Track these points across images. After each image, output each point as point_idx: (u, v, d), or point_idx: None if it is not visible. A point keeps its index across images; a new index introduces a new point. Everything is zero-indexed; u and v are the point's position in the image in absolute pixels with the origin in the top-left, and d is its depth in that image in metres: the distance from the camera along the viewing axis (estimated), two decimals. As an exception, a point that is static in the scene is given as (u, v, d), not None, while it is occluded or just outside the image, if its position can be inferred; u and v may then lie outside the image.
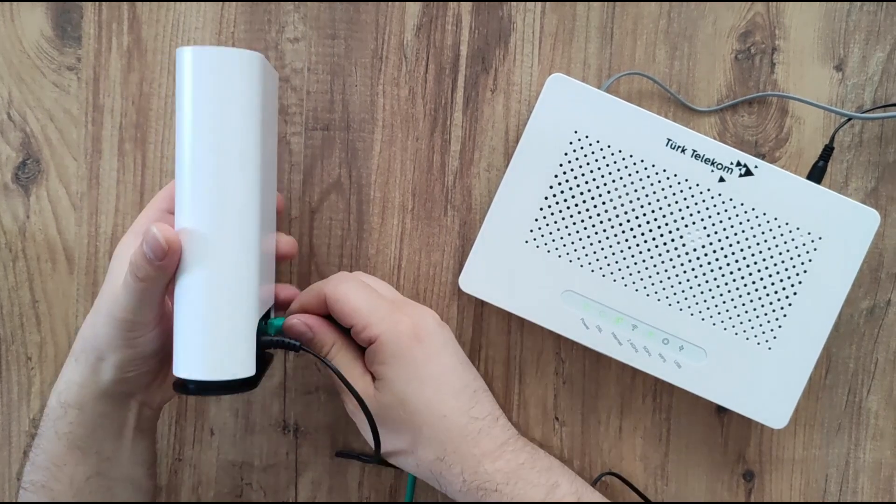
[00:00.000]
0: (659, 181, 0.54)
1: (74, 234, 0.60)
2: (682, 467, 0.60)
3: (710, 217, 0.54)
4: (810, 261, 0.54)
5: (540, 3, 0.59)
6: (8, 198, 0.60)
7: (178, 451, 0.60)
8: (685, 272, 0.55)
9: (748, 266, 0.54)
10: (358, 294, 0.51)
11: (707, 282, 0.54)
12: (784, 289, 0.54)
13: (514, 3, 0.59)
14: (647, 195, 0.54)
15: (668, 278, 0.55)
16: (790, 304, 0.54)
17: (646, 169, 0.54)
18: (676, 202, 0.54)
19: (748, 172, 0.54)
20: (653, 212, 0.54)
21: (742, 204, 0.54)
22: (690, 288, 0.55)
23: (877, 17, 0.59)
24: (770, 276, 0.54)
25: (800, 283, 0.54)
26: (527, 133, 0.55)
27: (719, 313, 0.55)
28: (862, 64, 0.59)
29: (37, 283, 0.60)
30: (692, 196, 0.54)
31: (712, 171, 0.54)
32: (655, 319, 0.55)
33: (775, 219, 0.54)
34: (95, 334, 0.49)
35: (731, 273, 0.54)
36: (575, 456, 0.60)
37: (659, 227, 0.55)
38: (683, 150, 0.54)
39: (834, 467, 0.60)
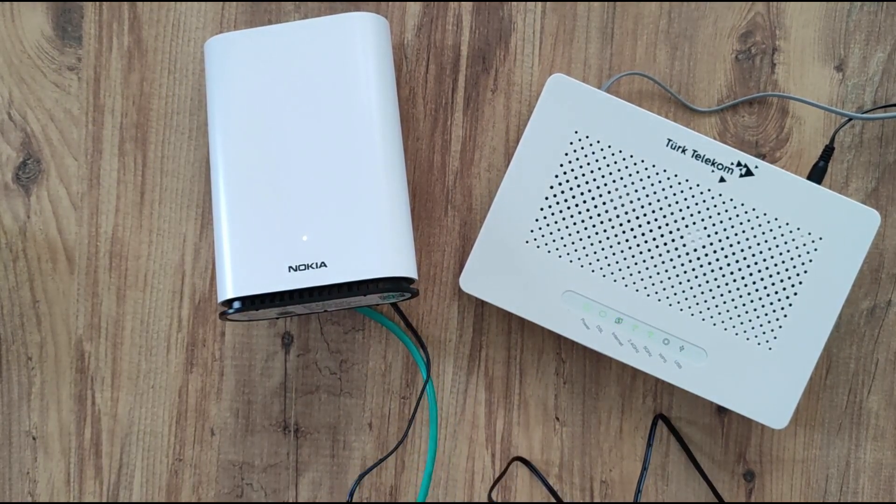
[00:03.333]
0: (659, 181, 0.54)
1: (75, 234, 0.60)
2: (682, 467, 0.60)
3: (710, 217, 0.54)
4: (811, 261, 0.54)
5: (540, 3, 0.59)
6: (8, 198, 0.60)
7: (179, 451, 0.60)
8: (686, 272, 0.55)
9: (749, 266, 0.54)
10: None
11: (707, 282, 0.54)
12: (784, 289, 0.54)
13: (514, 4, 0.59)
14: (647, 195, 0.54)
15: (669, 278, 0.55)
16: (791, 305, 0.54)
17: (646, 169, 0.54)
18: (677, 202, 0.54)
19: (748, 173, 0.54)
20: (653, 212, 0.54)
21: (742, 204, 0.54)
22: (691, 288, 0.55)
23: (877, 18, 0.59)
24: (770, 276, 0.54)
25: (800, 283, 0.54)
26: (527, 133, 0.55)
27: (720, 313, 0.55)
28: (862, 64, 0.59)
29: (37, 283, 0.60)
30: (692, 196, 0.54)
31: (713, 171, 0.54)
32: (656, 319, 0.55)
33: (776, 219, 0.54)
34: None
35: (732, 273, 0.54)
36: (575, 456, 0.60)
37: (659, 228, 0.55)
38: (684, 151, 0.54)
39: (834, 468, 0.60)
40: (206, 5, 0.59)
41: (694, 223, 0.54)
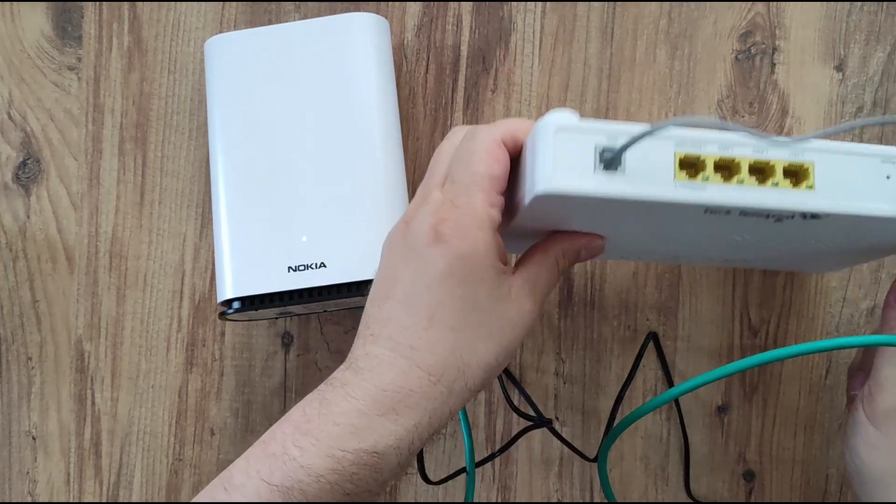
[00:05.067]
0: None
1: (75, 234, 0.60)
2: (682, 467, 0.59)
3: None
4: None
5: (540, 3, 0.59)
6: (8, 198, 0.60)
7: (179, 451, 0.60)
8: None
9: None
10: None
11: None
12: None
13: (514, 3, 0.59)
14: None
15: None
16: None
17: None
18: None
19: None
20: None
21: None
22: None
23: (877, 18, 0.59)
24: None
25: None
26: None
27: None
28: (862, 64, 0.59)
29: (37, 282, 0.60)
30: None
31: None
32: None
33: None
34: None
35: None
36: (575, 455, 0.59)
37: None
38: None
39: (834, 467, 0.60)
40: (206, 5, 0.59)
41: None
